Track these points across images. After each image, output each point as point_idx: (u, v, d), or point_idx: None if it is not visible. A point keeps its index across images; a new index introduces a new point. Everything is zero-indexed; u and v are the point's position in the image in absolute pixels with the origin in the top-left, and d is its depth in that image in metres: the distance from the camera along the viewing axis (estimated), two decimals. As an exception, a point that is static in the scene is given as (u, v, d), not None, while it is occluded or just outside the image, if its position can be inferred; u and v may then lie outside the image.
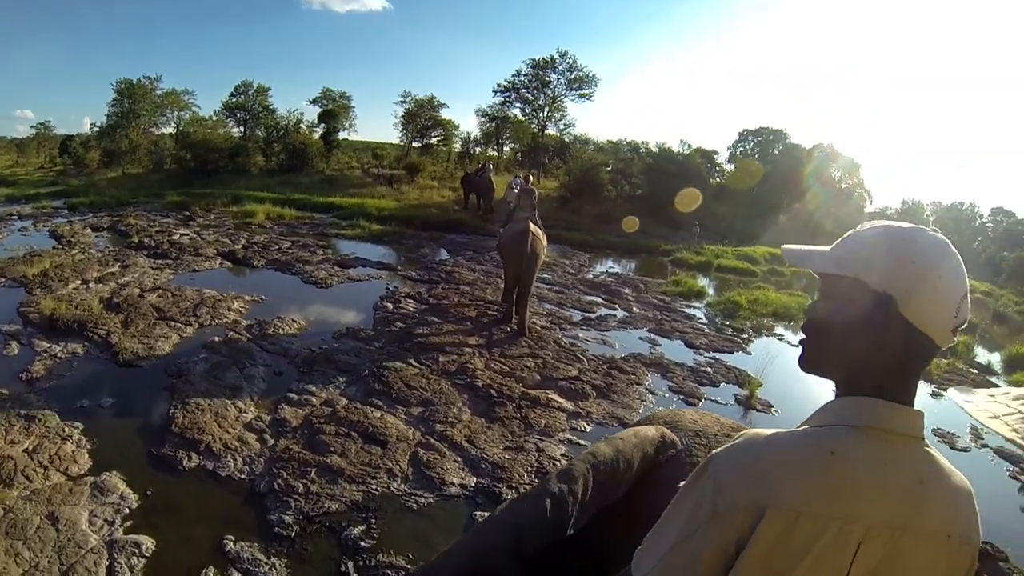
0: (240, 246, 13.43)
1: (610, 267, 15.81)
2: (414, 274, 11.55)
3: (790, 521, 0.82)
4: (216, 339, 7.15)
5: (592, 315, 9.85)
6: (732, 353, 8.71)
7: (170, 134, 35.63)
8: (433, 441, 4.94)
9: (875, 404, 0.88)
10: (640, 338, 8.95)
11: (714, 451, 0.94)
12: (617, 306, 10.73)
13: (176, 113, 36.98)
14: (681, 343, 8.97)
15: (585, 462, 1.71)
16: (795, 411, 6.35)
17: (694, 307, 11.72)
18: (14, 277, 10.19)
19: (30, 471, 4.49)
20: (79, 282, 9.97)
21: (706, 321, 10.67)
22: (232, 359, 6.53)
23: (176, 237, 14.27)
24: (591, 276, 13.61)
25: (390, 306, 8.97)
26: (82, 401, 5.62)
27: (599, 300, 11.03)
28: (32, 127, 58.43)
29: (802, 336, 1.02)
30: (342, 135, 37.40)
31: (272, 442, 4.89)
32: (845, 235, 1.00)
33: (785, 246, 1.08)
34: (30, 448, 4.82)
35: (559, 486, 1.58)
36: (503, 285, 9.22)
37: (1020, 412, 0.99)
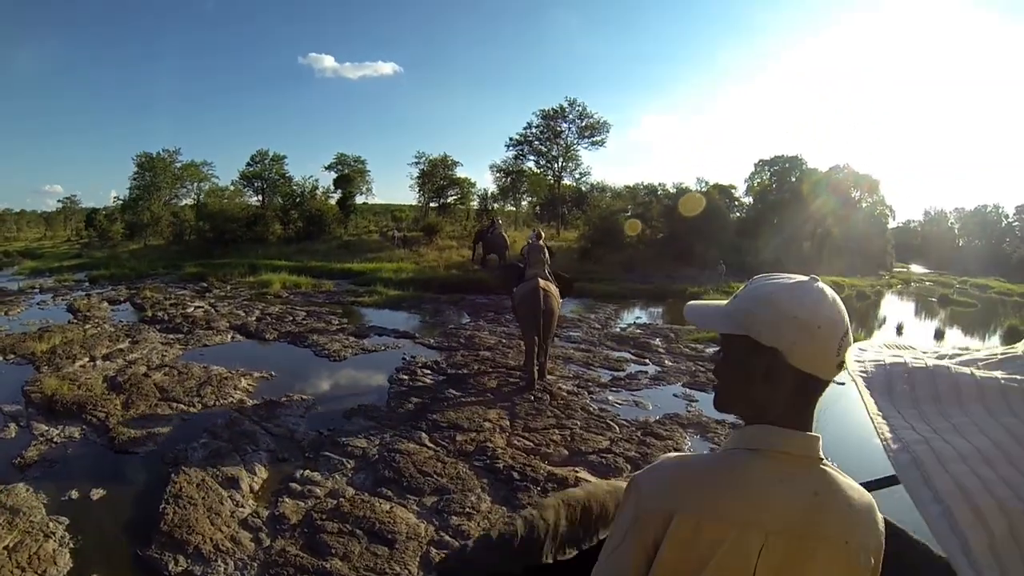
0: (254, 318, 13.28)
1: (637, 317, 15.38)
2: (432, 341, 11.21)
3: (694, 526, 0.92)
4: (219, 422, 6.82)
5: (621, 373, 9.37)
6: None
7: (191, 205, 36.48)
8: (447, 537, 4.47)
9: (772, 431, 0.98)
10: (675, 395, 8.43)
11: (635, 473, 1.07)
12: (648, 360, 10.25)
13: (196, 184, 38.04)
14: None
15: (557, 498, 1.81)
16: (850, 462, 5.69)
17: (727, 352, 11.19)
18: (23, 354, 10.18)
19: (6, 573, 4.15)
20: (87, 359, 9.84)
21: (744, 367, 10.07)
22: (233, 444, 6.17)
23: (190, 310, 14.22)
24: (618, 329, 13.19)
25: (406, 378, 8.61)
26: (71, 492, 5.32)
27: (628, 356, 10.55)
28: (59, 201, 60.96)
29: (715, 381, 1.10)
30: (360, 199, 38.13)
31: (268, 542, 4.46)
32: (738, 291, 1.10)
33: (689, 304, 1.17)
34: (10, 545, 4.51)
35: (531, 512, 1.68)
36: (523, 347, 9.05)
37: (881, 360, 0.91)
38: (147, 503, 5.14)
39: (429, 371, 9.04)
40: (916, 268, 43.04)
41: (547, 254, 9.21)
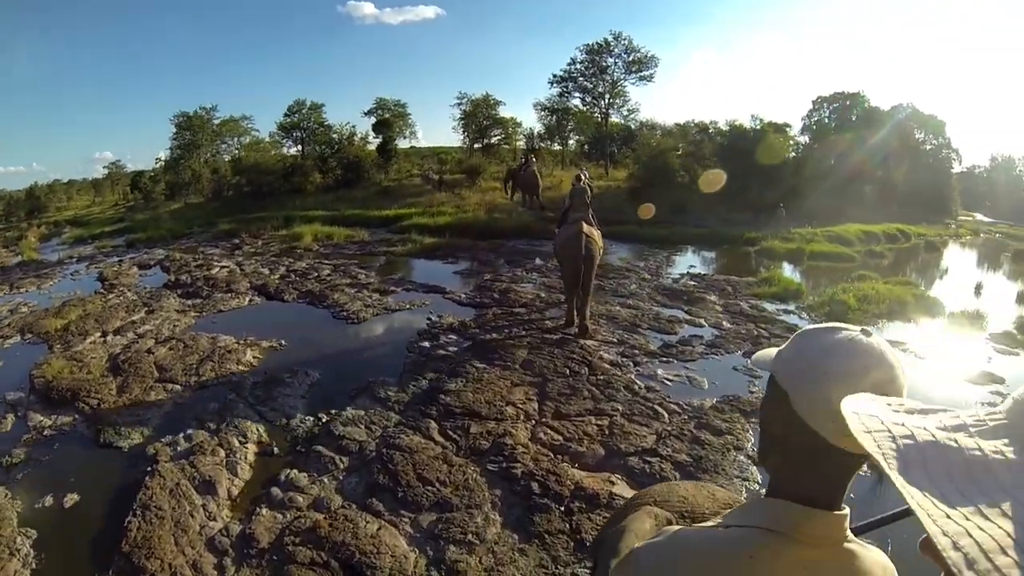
0: (277, 276, 12.65)
1: (691, 267, 13.98)
2: (463, 296, 10.29)
3: None
4: (211, 407, 6.13)
5: (673, 338, 8.16)
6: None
7: (229, 161, 36.37)
8: (439, 577, 3.59)
9: (790, 509, 0.90)
10: (735, 368, 7.15)
11: (637, 545, 1.06)
12: (703, 321, 8.99)
13: (236, 140, 37.80)
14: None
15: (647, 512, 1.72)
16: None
17: (792, 312, 9.87)
18: (39, 333, 9.94)
19: (-38, 602, 3.76)
20: (98, 334, 9.46)
21: (811, 330, 8.80)
22: (220, 436, 5.46)
23: (214, 271, 13.73)
24: (670, 280, 11.93)
25: (426, 345, 7.71)
26: (46, 498, 4.86)
27: (680, 315, 9.31)
28: (104, 167, 62.33)
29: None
30: (404, 144, 37.19)
31: (232, 571, 3.73)
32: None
33: (754, 356, 1.07)
34: (-27, 567, 4.10)
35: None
36: (563, 288, 8.70)
37: (889, 431, 0.58)
38: (118, 511, 4.59)
39: (454, 335, 8.11)
40: (981, 217, 40.07)
41: (590, 195, 8.79)
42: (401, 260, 14.41)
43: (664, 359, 7.31)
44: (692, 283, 11.68)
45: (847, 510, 0.90)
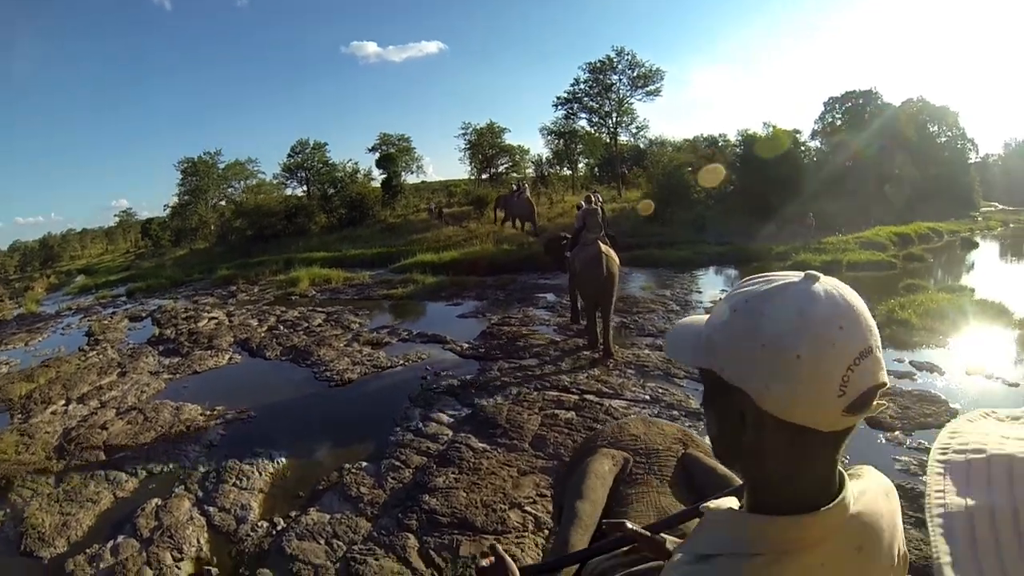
0: (264, 328, 11.62)
1: (722, 291, 12.64)
2: (466, 346, 9.13)
3: None
4: (153, 503, 5.05)
5: None
6: (943, 425, 5.47)
7: (232, 204, 35.89)
8: None
9: (776, 524, 0.70)
10: None
11: None
12: None
13: (243, 183, 37.36)
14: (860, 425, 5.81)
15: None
16: None
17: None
18: (4, 399, 9.27)
19: None
20: (62, 402, 8.60)
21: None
22: (151, 550, 4.39)
23: (202, 324, 12.78)
24: (701, 311, 10.67)
25: (417, 414, 6.51)
26: None
27: None
28: (115, 216, 62.35)
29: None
30: (411, 179, 36.66)
31: None
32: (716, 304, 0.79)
33: (669, 333, 0.83)
34: None
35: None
36: (583, 312, 8.76)
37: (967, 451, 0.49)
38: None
39: (452, 399, 6.89)
40: (1001, 206, 38.74)
41: (602, 215, 8.64)
42: (401, 304, 13.36)
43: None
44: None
45: (843, 492, 0.71)
